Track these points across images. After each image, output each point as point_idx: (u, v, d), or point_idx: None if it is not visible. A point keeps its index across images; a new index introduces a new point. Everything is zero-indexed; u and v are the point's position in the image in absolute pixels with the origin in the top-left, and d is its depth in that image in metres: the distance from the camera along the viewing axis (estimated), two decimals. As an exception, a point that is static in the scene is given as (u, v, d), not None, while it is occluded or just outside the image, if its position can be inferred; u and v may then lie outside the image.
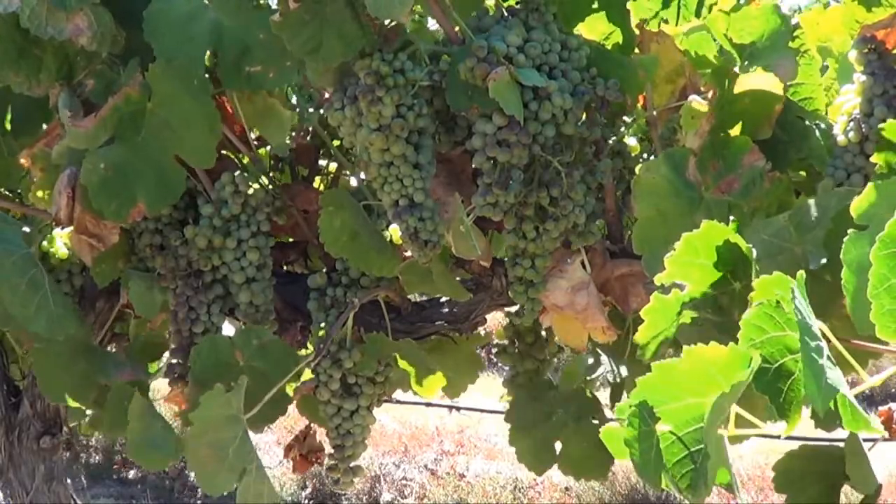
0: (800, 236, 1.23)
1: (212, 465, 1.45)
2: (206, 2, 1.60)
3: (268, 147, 1.86)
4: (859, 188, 1.08)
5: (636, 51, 1.59)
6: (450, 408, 4.51)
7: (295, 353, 1.68)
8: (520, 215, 1.50)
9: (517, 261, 1.55)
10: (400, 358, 1.78)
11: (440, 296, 1.87)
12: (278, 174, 1.95)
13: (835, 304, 1.17)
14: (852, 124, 1.40)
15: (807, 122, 1.50)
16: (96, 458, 6.03)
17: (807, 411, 0.95)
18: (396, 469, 5.79)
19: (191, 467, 1.47)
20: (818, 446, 1.54)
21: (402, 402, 3.79)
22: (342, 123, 1.47)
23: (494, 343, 1.97)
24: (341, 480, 1.79)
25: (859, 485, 1.38)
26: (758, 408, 0.95)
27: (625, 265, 1.61)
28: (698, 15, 1.53)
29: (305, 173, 1.99)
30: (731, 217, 1.36)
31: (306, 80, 1.58)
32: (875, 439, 1.08)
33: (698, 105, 1.46)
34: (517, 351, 1.92)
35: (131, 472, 5.91)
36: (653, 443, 0.94)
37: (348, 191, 1.74)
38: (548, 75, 1.43)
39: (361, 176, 1.73)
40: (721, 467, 0.94)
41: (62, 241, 1.78)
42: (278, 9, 1.42)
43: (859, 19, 1.52)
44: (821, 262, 1.20)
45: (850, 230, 0.96)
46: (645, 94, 1.60)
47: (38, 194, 1.71)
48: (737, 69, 1.41)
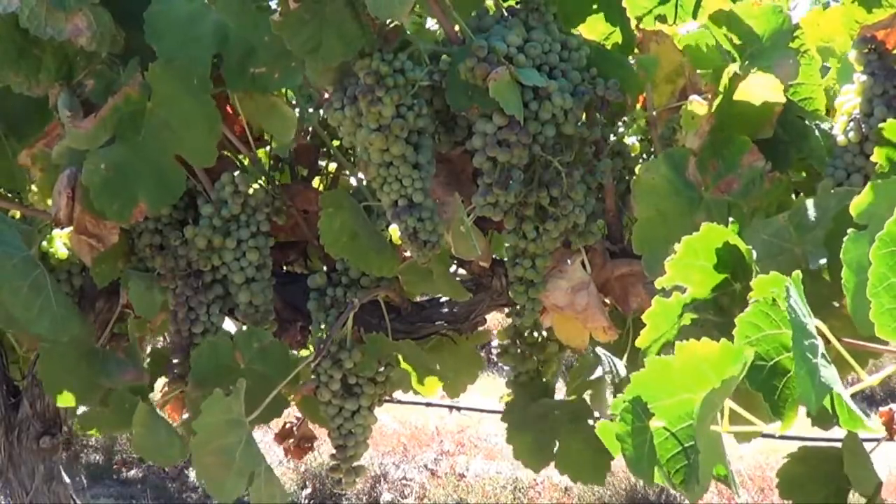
0: (800, 236, 1.23)
1: (219, 472, 1.45)
2: (207, 2, 1.60)
3: (267, 147, 1.86)
4: (859, 188, 1.08)
5: (636, 51, 1.59)
6: (450, 408, 4.50)
7: (294, 355, 1.69)
8: (520, 215, 1.50)
9: (517, 261, 1.55)
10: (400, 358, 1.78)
11: (440, 296, 1.87)
12: (278, 174, 1.95)
13: (834, 304, 1.18)
14: (852, 124, 1.40)
15: (807, 122, 1.50)
16: (96, 458, 6.02)
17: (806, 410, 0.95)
18: (396, 469, 5.79)
19: (198, 476, 1.46)
20: (820, 448, 1.53)
21: (402, 402, 3.79)
22: (342, 123, 1.47)
23: (496, 344, 1.97)
24: (344, 480, 1.79)
25: (859, 485, 1.38)
26: (758, 407, 0.95)
27: (625, 265, 1.61)
28: (695, 16, 1.52)
29: (305, 173, 1.99)
30: (731, 217, 1.36)
31: (306, 80, 1.58)
32: (878, 439, 1.07)
33: (698, 105, 1.46)
34: (518, 351, 1.92)
35: (131, 472, 5.91)
36: (646, 438, 0.94)
37: (348, 191, 1.74)
38: (548, 75, 1.43)
39: (361, 176, 1.73)
40: (717, 463, 0.94)
41: (62, 242, 1.78)
42: (278, 9, 1.42)
43: (859, 20, 1.52)
44: (821, 262, 1.20)
45: (850, 229, 0.96)
46: (645, 94, 1.60)
47: (39, 194, 1.71)
48: (737, 69, 1.41)
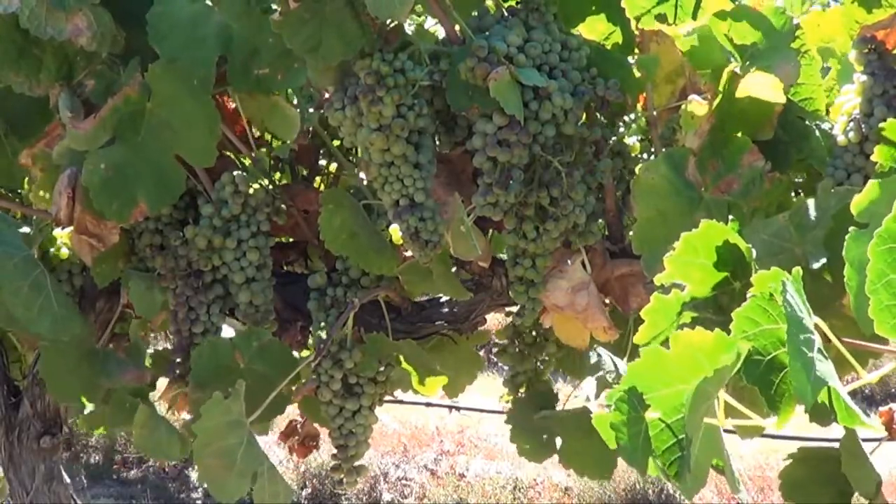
0: (800, 236, 1.23)
1: (221, 473, 1.45)
2: (210, 4, 1.60)
3: (268, 147, 1.86)
4: (859, 188, 1.08)
5: (636, 51, 1.59)
6: (450, 408, 4.50)
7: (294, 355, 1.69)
8: (520, 215, 1.50)
9: (517, 261, 1.55)
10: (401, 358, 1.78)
11: (440, 296, 1.87)
12: (278, 174, 1.95)
13: (835, 303, 1.18)
14: (852, 124, 1.40)
15: (807, 123, 1.50)
16: (96, 458, 6.02)
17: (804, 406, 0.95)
18: (396, 469, 5.79)
19: (200, 478, 1.48)
20: (820, 449, 1.53)
21: (403, 402, 3.79)
22: (342, 123, 1.47)
23: (494, 343, 1.97)
24: (345, 480, 1.79)
25: (858, 485, 1.37)
26: (757, 403, 0.95)
27: (625, 265, 1.61)
28: (695, 17, 1.52)
29: (305, 173, 1.99)
30: (731, 217, 1.36)
31: (307, 80, 1.58)
32: (879, 439, 1.07)
33: (698, 105, 1.46)
34: (517, 351, 1.92)
35: (131, 472, 5.91)
36: (641, 429, 0.93)
37: (348, 190, 1.74)
38: (548, 75, 1.43)
39: (361, 176, 1.73)
40: (714, 456, 0.93)
41: (62, 241, 1.78)
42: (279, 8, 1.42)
43: (859, 20, 1.52)
44: (821, 261, 1.20)
45: (852, 228, 0.96)
46: (645, 94, 1.60)
47: (39, 194, 1.71)
48: (737, 70, 1.41)
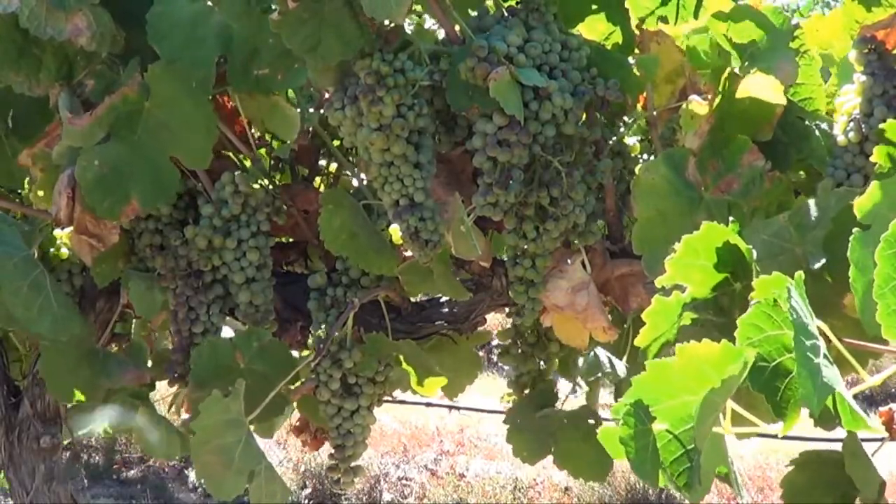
0: (800, 236, 1.23)
1: (218, 471, 1.46)
2: (210, 4, 1.60)
3: (268, 147, 1.86)
4: (859, 188, 1.08)
5: (636, 51, 1.59)
6: (450, 408, 4.49)
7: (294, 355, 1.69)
8: (520, 215, 1.50)
9: (517, 261, 1.55)
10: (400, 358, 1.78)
11: (440, 296, 1.87)
12: (278, 174, 1.95)
13: (835, 304, 1.18)
14: (852, 124, 1.39)
15: (807, 123, 1.50)
16: (96, 458, 6.02)
17: (808, 411, 0.95)
18: (396, 469, 5.79)
19: (198, 475, 1.49)
20: (821, 452, 1.52)
21: (403, 402, 3.78)
22: (342, 123, 1.47)
23: (496, 344, 1.97)
24: (342, 480, 1.79)
25: (862, 486, 1.37)
26: (760, 407, 0.95)
27: (625, 265, 1.60)
28: (696, 16, 1.52)
29: (305, 173, 1.99)
30: (731, 217, 1.36)
31: (307, 80, 1.58)
32: (881, 439, 1.07)
33: (698, 105, 1.46)
34: (520, 352, 1.92)
35: (131, 472, 5.91)
36: (649, 441, 0.94)
37: (348, 190, 1.74)
38: (548, 75, 1.43)
39: (362, 176, 1.73)
40: (719, 464, 0.94)
41: (62, 241, 1.78)
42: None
43: (859, 20, 1.52)
44: (821, 262, 1.20)
45: (856, 229, 0.96)
46: (645, 94, 1.60)
47: (39, 194, 1.71)
48: (737, 70, 1.41)
